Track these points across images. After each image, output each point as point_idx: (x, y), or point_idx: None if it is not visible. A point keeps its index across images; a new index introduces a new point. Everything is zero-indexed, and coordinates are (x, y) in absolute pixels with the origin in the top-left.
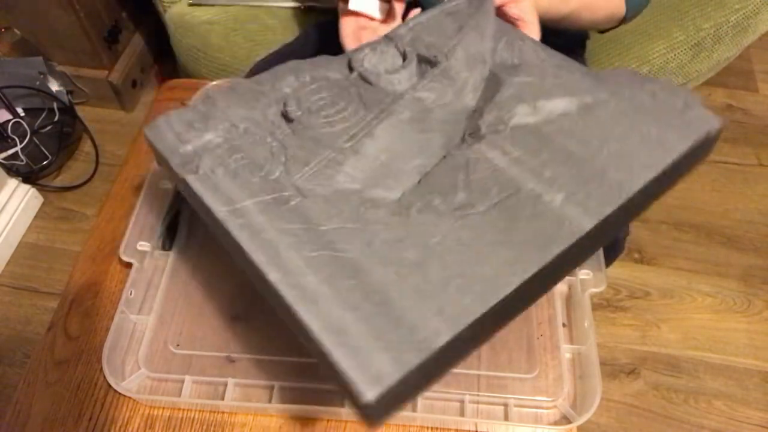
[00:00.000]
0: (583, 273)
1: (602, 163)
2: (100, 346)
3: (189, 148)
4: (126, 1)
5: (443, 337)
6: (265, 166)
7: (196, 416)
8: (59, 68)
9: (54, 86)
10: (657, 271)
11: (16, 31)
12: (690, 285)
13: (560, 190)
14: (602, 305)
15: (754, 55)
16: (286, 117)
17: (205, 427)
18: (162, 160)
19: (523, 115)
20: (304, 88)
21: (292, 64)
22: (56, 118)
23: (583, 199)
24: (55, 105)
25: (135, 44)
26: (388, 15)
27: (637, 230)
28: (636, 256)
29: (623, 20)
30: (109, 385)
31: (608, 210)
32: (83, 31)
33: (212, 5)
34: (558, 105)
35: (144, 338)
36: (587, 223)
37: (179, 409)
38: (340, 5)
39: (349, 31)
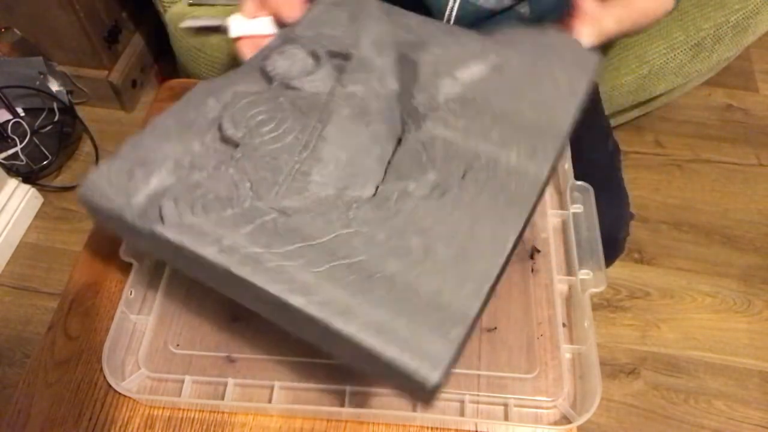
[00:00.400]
0: (583, 273)
1: (531, 113)
2: (100, 346)
3: (140, 197)
4: (126, 1)
5: (475, 304)
6: (233, 197)
7: (196, 416)
8: (59, 68)
9: (54, 86)
10: (657, 271)
11: (16, 31)
12: (690, 285)
13: (511, 148)
14: (602, 305)
15: (754, 55)
16: (229, 140)
17: (204, 427)
18: (110, 220)
19: (448, 87)
20: (232, 106)
21: (203, 86)
22: (56, 118)
23: (532, 151)
24: (55, 105)
25: (135, 44)
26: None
27: (637, 230)
28: (636, 256)
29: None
30: (109, 385)
31: (553, 154)
32: (83, 31)
33: (212, 5)
34: (473, 71)
35: (144, 338)
36: (543, 172)
37: (179, 409)
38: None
39: (249, 55)
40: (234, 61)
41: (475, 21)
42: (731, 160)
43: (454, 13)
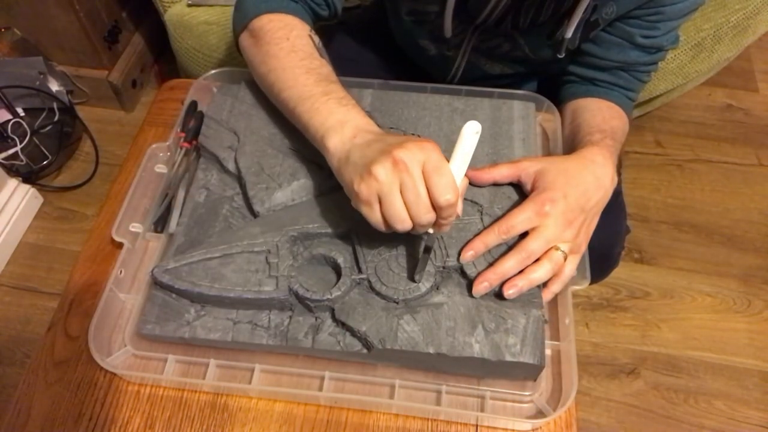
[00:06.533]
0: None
1: None
2: None
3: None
4: (126, 1)
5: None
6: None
7: (197, 415)
8: (59, 68)
9: (54, 86)
10: (657, 271)
11: (16, 31)
12: (690, 285)
13: None
14: (602, 305)
15: (754, 55)
16: None
17: (205, 427)
18: None
19: None
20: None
21: None
22: (56, 118)
23: None
24: (55, 105)
25: (135, 44)
26: None
27: (637, 230)
28: (636, 256)
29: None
30: (109, 386)
31: None
32: (83, 31)
33: (211, 6)
34: None
35: (131, 316)
36: None
37: (180, 409)
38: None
39: None
40: (233, 61)
41: (478, 80)
42: (731, 160)
43: (458, 75)
